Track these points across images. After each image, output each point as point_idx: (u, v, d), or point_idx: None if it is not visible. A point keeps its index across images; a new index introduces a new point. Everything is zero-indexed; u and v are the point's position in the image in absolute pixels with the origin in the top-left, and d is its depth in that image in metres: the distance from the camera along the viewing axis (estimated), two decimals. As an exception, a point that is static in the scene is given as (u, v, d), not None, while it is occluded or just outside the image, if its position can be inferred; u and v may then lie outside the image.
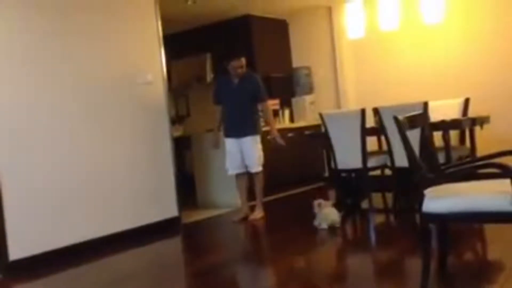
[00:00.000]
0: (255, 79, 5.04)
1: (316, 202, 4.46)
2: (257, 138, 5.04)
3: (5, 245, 3.88)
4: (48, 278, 3.80)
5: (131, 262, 4.05)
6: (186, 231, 5.02)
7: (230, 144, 5.05)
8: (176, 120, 7.23)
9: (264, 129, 5.38)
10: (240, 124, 4.98)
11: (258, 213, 5.12)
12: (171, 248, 4.59)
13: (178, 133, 6.84)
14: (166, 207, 5.00)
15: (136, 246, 4.44)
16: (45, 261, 4.00)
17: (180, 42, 6.95)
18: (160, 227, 4.81)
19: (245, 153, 5.02)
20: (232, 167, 5.11)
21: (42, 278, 3.80)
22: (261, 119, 5.41)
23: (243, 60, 4.90)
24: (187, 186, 6.18)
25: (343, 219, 4.92)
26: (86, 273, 3.84)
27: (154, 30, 5.10)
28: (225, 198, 6.01)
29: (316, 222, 4.39)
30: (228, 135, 5.08)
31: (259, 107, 5.14)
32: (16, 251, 3.92)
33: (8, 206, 3.91)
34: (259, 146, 5.05)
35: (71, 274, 3.87)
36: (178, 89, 7.32)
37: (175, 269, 3.59)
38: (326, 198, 4.84)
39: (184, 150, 6.42)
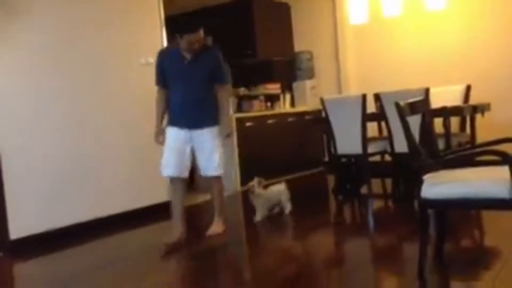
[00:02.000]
0: (216, 54, 3.85)
1: (249, 185, 4.20)
2: (217, 130, 3.82)
3: (6, 225, 3.93)
4: (47, 256, 3.84)
5: (130, 243, 4.08)
6: (185, 214, 5.02)
7: (174, 136, 3.78)
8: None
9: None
10: (194, 112, 3.74)
11: (219, 227, 3.98)
12: (169, 230, 4.61)
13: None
14: (166, 190, 5.01)
15: (136, 227, 4.47)
16: (45, 240, 4.05)
17: (181, 24, 6.89)
18: (159, 209, 4.84)
19: (199, 151, 3.80)
20: (170, 167, 3.77)
21: (41, 257, 3.84)
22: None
23: (201, 33, 3.70)
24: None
25: (342, 205, 4.95)
26: (87, 252, 3.88)
27: (156, 11, 5.08)
28: (224, 181, 6.00)
29: (257, 217, 4.21)
30: (174, 124, 3.80)
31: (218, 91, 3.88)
32: (16, 230, 3.97)
33: (8, 188, 3.96)
34: (220, 142, 3.86)
35: (71, 253, 3.91)
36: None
37: (171, 251, 3.62)
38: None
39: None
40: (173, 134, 3.78)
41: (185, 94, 3.75)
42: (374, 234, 4.01)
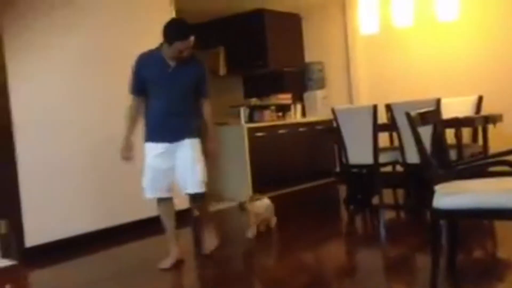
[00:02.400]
0: (201, 65, 3.57)
1: (241, 202, 4.20)
2: (198, 143, 3.53)
3: (22, 233, 3.99)
4: (62, 264, 3.89)
5: (145, 251, 4.11)
6: (196, 223, 5.05)
7: (155, 153, 3.44)
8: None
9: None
10: (177, 122, 3.43)
11: (214, 241, 3.76)
12: (182, 239, 4.63)
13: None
14: (178, 198, 5.04)
15: (149, 235, 4.49)
16: (60, 248, 4.09)
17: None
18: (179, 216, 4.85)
19: (181, 166, 3.46)
20: (153, 189, 3.49)
21: (56, 265, 3.89)
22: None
23: (191, 41, 3.34)
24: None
25: (353, 215, 4.95)
26: (104, 260, 3.92)
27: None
28: (235, 191, 6.05)
29: (249, 233, 4.15)
30: (154, 139, 3.46)
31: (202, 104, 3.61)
32: (31, 238, 4.03)
33: (24, 197, 4.03)
34: (201, 155, 3.54)
35: (86, 261, 3.94)
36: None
37: (185, 261, 3.64)
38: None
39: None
40: (154, 151, 3.44)
41: (167, 104, 3.41)
42: (386, 244, 4.00)
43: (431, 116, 2.83)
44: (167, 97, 3.40)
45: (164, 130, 3.42)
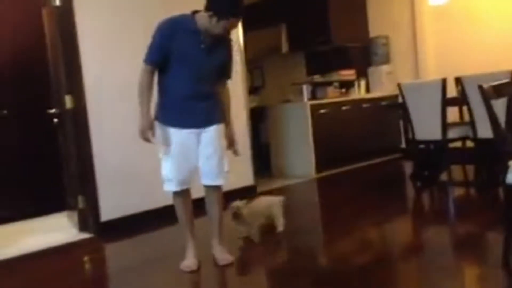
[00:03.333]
0: (232, 46, 3.11)
1: (231, 207, 3.42)
2: (223, 128, 3.10)
3: (97, 208, 4.22)
4: (136, 238, 4.08)
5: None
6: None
7: (180, 139, 2.97)
8: (251, 91, 7.33)
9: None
10: (205, 107, 2.97)
11: (227, 257, 3.15)
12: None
13: (253, 104, 6.95)
14: (243, 175, 5.15)
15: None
16: (134, 222, 4.30)
17: (255, 13, 6.98)
18: (238, 194, 4.95)
19: (205, 154, 3.01)
20: (176, 181, 3.01)
21: (130, 238, 4.09)
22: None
23: (239, 22, 2.91)
24: (263, 156, 6.30)
25: (420, 192, 4.84)
26: (174, 234, 4.07)
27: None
28: (299, 168, 6.10)
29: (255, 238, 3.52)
30: (175, 123, 2.96)
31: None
32: (107, 213, 4.26)
33: (100, 175, 4.25)
34: (225, 142, 3.12)
35: (159, 234, 4.12)
36: (253, 60, 7.40)
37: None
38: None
39: (259, 121, 6.52)
40: (178, 138, 2.95)
41: (194, 86, 2.92)
42: (455, 222, 3.90)
43: (505, 88, 2.71)
44: (195, 77, 2.90)
45: (189, 114, 2.94)
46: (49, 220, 4.95)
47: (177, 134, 2.95)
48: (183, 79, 2.90)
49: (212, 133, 2.99)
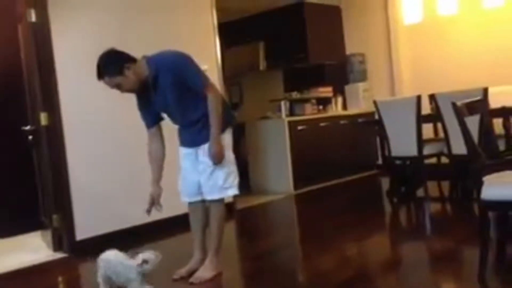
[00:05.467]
0: (165, 64, 3.06)
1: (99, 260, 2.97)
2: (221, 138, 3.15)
3: (73, 226, 4.15)
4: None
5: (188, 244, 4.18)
6: (240, 216, 5.12)
7: (183, 156, 3.29)
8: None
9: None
10: (192, 133, 3.20)
11: (207, 271, 3.17)
12: (226, 232, 4.69)
13: (231, 120, 6.95)
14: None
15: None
16: (110, 241, 4.20)
17: (233, 31, 7.03)
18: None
19: (199, 170, 3.21)
20: (185, 194, 3.31)
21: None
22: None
23: (109, 80, 2.99)
24: (241, 173, 6.26)
25: (397, 208, 4.88)
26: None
27: (209, 19, 5.20)
28: (277, 184, 6.10)
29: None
30: (181, 143, 3.32)
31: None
32: (82, 232, 4.18)
33: (75, 193, 4.18)
34: (230, 155, 3.26)
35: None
36: (231, 77, 7.42)
37: (229, 252, 3.69)
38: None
39: (237, 137, 6.50)
40: (182, 154, 3.29)
41: (176, 120, 3.24)
42: (431, 237, 3.94)
43: (478, 105, 2.77)
44: (169, 116, 3.22)
45: (184, 137, 3.27)
46: (23, 240, 4.83)
47: (182, 151, 3.32)
48: (169, 118, 3.28)
49: (201, 151, 3.19)
